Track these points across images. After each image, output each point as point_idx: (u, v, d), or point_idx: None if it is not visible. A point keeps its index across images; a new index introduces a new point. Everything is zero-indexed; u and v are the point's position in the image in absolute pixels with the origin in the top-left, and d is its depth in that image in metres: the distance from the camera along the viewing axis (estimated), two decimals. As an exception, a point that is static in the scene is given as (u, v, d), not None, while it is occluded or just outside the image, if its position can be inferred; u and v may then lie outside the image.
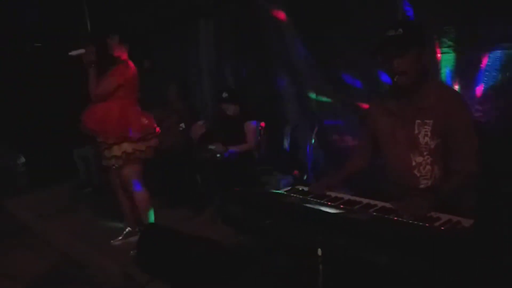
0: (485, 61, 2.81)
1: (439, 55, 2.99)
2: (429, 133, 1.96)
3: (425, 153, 1.99)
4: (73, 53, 3.18)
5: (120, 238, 3.46)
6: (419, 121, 1.98)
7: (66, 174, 5.66)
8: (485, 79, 2.83)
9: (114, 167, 3.28)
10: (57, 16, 6.07)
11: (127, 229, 3.48)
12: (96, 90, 3.17)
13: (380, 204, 1.84)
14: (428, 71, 2.05)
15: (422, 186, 2.02)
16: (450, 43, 2.94)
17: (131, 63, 3.28)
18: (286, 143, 4.17)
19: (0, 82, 5.81)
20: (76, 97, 3.52)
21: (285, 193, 2.13)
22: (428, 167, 1.99)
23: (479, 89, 2.87)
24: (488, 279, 1.34)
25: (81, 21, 6.22)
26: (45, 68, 5.81)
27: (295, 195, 2.06)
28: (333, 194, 2.04)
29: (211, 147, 3.91)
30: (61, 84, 4.85)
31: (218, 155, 3.87)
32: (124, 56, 3.27)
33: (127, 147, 3.21)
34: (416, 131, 1.99)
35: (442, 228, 1.53)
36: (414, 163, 2.02)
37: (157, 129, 3.43)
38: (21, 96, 5.91)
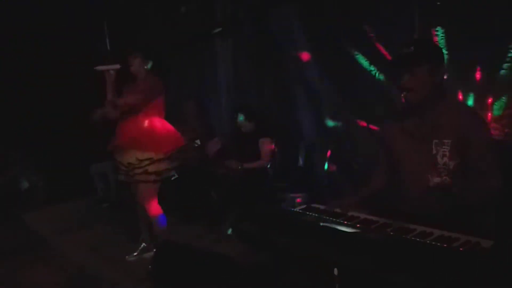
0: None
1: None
2: (447, 153, 1.92)
3: (443, 174, 1.95)
4: (100, 68, 3.23)
5: (135, 254, 3.47)
6: (436, 140, 1.95)
7: (84, 189, 5.73)
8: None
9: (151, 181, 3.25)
10: (79, 32, 6.24)
11: (142, 245, 3.48)
12: (132, 100, 3.18)
13: (397, 224, 1.83)
14: (444, 88, 2.03)
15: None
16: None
17: (158, 80, 3.31)
18: (301, 161, 4.17)
19: (21, 98, 5.97)
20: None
21: (300, 211, 2.13)
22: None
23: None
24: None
25: (101, 38, 6.40)
26: (67, 83, 5.95)
27: (311, 214, 2.05)
28: (349, 213, 2.02)
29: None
30: (83, 99, 4.96)
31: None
32: (147, 72, 3.31)
33: (167, 164, 3.27)
34: (434, 151, 1.95)
35: (461, 249, 1.51)
36: (431, 184, 1.99)
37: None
38: (41, 111, 6.05)
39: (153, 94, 3.22)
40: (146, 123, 3.22)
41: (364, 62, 3.56)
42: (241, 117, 4.09)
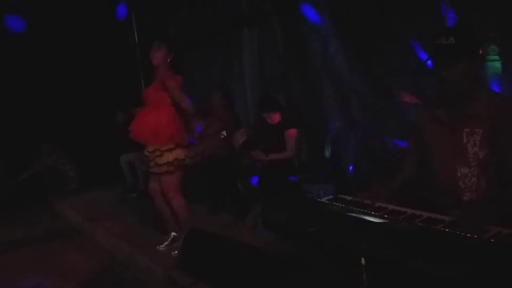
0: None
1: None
2: (478, 143, 1.90)
3: (472, 164, 1.93)
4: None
5: (165, 243, 3.51)
6: (467, 130, 1.93)
7: (113, 179, 5.88)
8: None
9: (163, 172, 3.27)
10: (107, 26, 6.37)
11: (172, 235, 3.53)
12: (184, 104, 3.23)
13: (425, 214, 1.81)
14: (480, 79, 1.99)
15: (465, 198, 1.96)
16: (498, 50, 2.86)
17: (175, 72, 3.31)
18: (327, 152, 4.16)
19: (54, 91, 6.16)
20: (126, 105, 3.66)
21: (327, 201, 2.13)
22: (474, 179, 1.94)
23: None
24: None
25: (129, 31, 6.52)
26: (97, 78, 6.10)
27: (338, 204, 2.06)
28: (376, 204, 2.02)
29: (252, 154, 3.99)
30: (112, 92, 5.11)
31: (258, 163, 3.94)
32: (168, 65, 3.31)
33: (179, 153, 3.24)
34: (465, 140, 1.94)
35: (492, 240, 1.49)
36: (459, 174, 1.97)
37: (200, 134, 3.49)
38: (74, 103, 6.23)
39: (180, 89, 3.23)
40: (153, 117, 3.24)
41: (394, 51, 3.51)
42: (267, 108, 4.10)
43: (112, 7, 6.38)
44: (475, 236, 1.50)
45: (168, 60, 3.31)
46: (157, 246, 3.51)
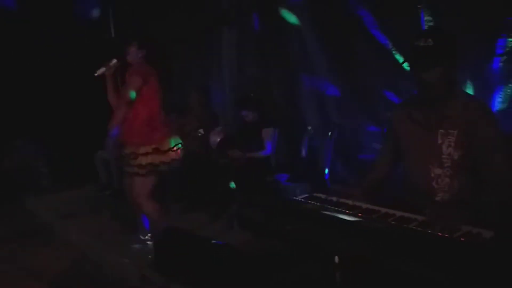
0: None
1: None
2: (452, 144, 1.93)
3: (445, 165, 1.96)
4: (99, 72, 3.23)
5: (139, 242, 3.48)
6: (442, 131, 1.96)
7: (87, 176, 5.77)
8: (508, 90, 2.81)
9: (133, 173, 3.18)
10: (83, 22, 6.25)
11: (140, 238, 3.50)
12: (117, 101, 3.19)
13: (398, 213, 1.84)
14: (456, 81, 2.03)
15: (438, 198, 2.00)
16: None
17: (149, 68, 3.20)
18: (304, 151, 4.18)
19: (27, 86, 6.00)
20: (100, 101, 3.59)
21: (303, 200, 2.14)
22: (447, 179, 1.97)
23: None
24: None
25: (106, 28, 6.41)
26: (71, 73, 5.97)
27: (313, 202, 2.07)
28: (351, 202, 2.04)
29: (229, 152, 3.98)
30: (87, 88, 5.00)
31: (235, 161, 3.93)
32: (142, 61, 3.23)
33: (155, 158, 3.13)
34: (440, 141, 1.97)
35: (462, 239, 1.52)
36: (432, 175, 2.00)
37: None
38: (47, 99, 6.08)
39: (137, 85, 3.08)
40: (128, 116, 3.13)
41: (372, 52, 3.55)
42: (244, 107, 4.10)
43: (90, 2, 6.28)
44: (446, 235, 1.54)
45: (140, 55, 3.22)
46: (131, 245, 3.47)
